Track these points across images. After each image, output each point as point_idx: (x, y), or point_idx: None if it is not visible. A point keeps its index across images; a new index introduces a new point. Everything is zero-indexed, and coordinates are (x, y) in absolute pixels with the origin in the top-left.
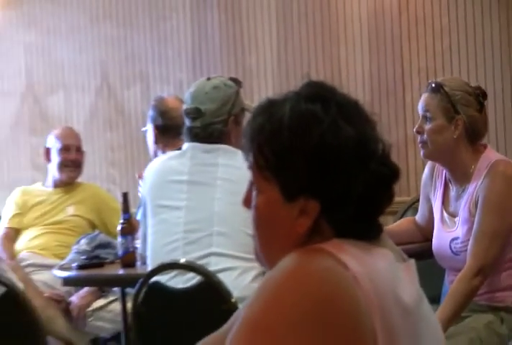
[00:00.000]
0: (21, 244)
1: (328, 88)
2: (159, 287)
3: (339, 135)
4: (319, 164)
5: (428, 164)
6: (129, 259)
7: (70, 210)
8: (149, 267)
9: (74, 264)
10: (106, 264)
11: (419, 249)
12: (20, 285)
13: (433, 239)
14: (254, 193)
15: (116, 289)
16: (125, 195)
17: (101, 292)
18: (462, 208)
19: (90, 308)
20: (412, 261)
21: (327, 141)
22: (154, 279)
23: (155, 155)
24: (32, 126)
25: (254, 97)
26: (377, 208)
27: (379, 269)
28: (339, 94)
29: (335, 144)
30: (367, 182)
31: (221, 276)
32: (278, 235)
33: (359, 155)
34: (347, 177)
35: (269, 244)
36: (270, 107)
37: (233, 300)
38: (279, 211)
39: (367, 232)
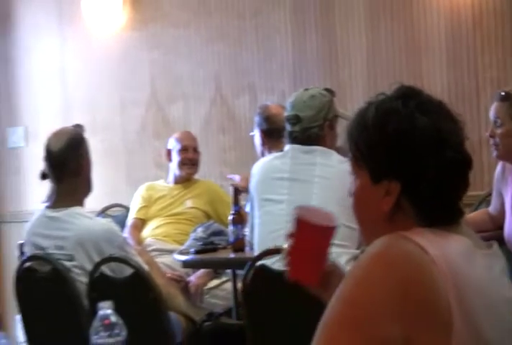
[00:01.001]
0: (147, 232)
1: (414, 89)
2: (264, 269)
3: (414, 124)
4: (397, 150)
5: (500, 163)
6: (239, 244)
7: (189, 203)
8: (256, 252)
9: (192, 249)
10: (219, 249)
11: (492, 236)
12: (146, 267)
13: (505, 228)
14: (353, 182)
15: (228, 270)
16: (236, 190)
17: (215, 274)
18: None
19: (206, 287)
20: (495, 248)
21: (403, 128)
22: (261, 262)
23: (262, 155)
24: (155, 131)
25: (346, 105)
26: (454, 192)
27: (454, 253)
28: (423, 94)
29: (410, 132)
30: (441, 167)
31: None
32: (370, 213)
33: (433, 142)
34: (421, 161)
35: (365, 222)
36: (362, 110)
37: None
38: (369, 193)
39: (446, 214)
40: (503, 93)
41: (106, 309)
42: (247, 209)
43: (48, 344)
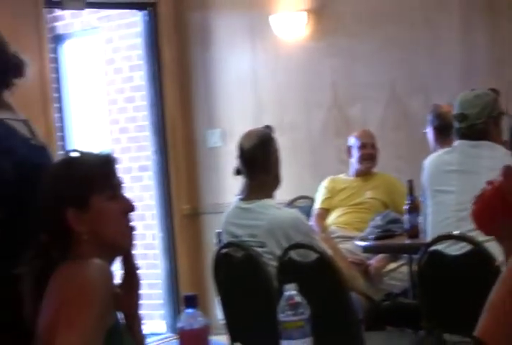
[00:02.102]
0: (331, 220)
1: None
2: (438, 253)
3: None
4: None
5: None
6: (414, 231)
7: (368, 194)
8: (429, 238)
9: (371, 236)
10: (396, 235)
11: None
12: (329, 252)
13: None
14: None
15: (404, 255)
16: (410, 182)
17: (393, 258)
18: None
19: (384, 270)
20: None
21: None
22: (434, 247)
23: (434, 151)
24: (336, 130)
25: None
26: None
27: None
28: None
29: None
30: None
31: (487, 245)
32: None
33: None
34: None
35: None
36: None
37: (497, 264)
38: None
39: None
40: None
41: (291, 290)
42: (422, 199)
43: (242, 321)
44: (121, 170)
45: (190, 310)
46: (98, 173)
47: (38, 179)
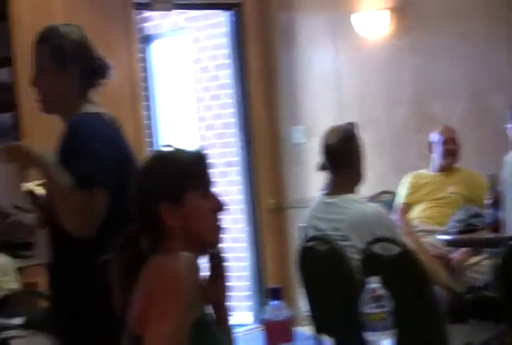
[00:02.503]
0: (413, 214)
1: None
2: None
3: None
4: None
5: None
6: (496, 226)
7: (450, 188)
8: (511, 233)
9: (453, 230)
10: (477, 230)
11: None
12: (412, 246)
13: None
14: None
15: (486, 249)
16: (492, 177)
17: (475, 251)
18: None
19: (467, 263)
20: None
21: None
22: None
23: None
24: (418, 126)
25: None
26: None
27: None
28: None
29: None
30: None
31: None
32: None
33: None
34: None
35: None
36: None
37: None
38: None
39: None
40: None
41: (374, 283)
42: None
43: (326, 313)
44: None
45: (275, 302)
46: (194, 171)
47: (131, 169)
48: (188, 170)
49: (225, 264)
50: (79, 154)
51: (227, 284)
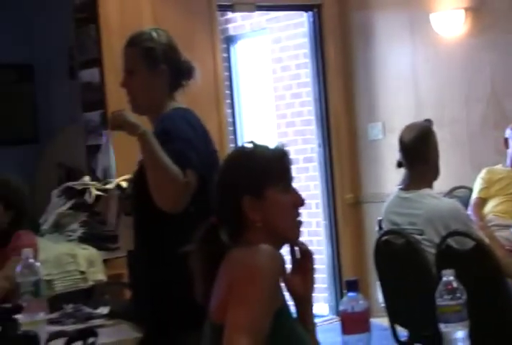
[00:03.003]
0: (488, 209)
1: None
2: None
3: None
4: None
5: None
6: None
7: None
8: None
9: None
10: None
11: None
12: (486, 240)
13: None
14: None
15: None
16: None
17: None
18: None
19: None
20: None
21: None
22: None
23: None
24: (495, 123)
25: None
26: None
27: None
28: None
29: None
30: None
31: None
32: None
33: None
34: None
35: None
36: None
37: None
38: None
39: None
40: None
41: (449, 276)
42: None
43: (401, 305)
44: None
45: (351, 294)
46: (275, 166)
47: (216, 164)
48: (270, 166)
49: (313, 257)
50: (173, 138)
51: (314, 277)
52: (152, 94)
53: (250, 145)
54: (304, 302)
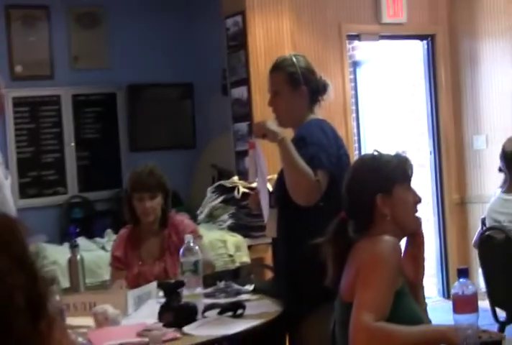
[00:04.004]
0: None
1: None
2: None
3: None
4: None
5: None
6: None
7: None
8: None
9: None
10: None
11: None
12: None
13: None
14: None
15: None
16: None
17: None
18: None
19: None
20: None
21: None
22: None
23: None
24: None
25: None
26: None
27: None
28: None
29: None
30: None
31: None
32: None
33: None
34: None
35: None
36: None
37: None
38: None
39: None
40: None
41: None
42: None
43: (500, 290)
44: None
45: (462, 280)
46: (401, 168)
47: (346, 166)
48: (397, 168)
49: (425, 248)
50: (307, 143)
51: (424, 264)
52: (294, 111)
53: (376, 152)
54: (416, 284)
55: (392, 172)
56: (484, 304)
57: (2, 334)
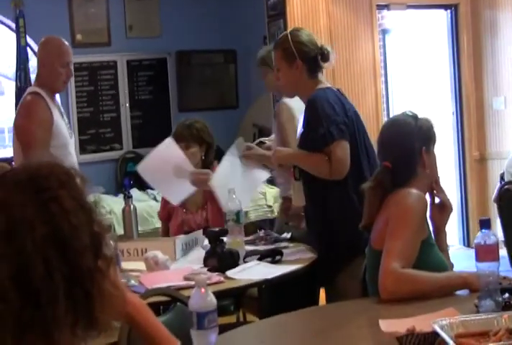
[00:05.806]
0: None
1: None
2: None
3: None
4: None
5: None
6: None
7: None
8: None
9: None
10: None
11: None
12: None
13: None
14: None
15: None
16: None
17: None
18: None
19: None
20: None
21: None
22: None
23: None
24: None
25: None
26: None
27: None
28: None
29: None
30: None
31: None
32: None
33: None
34: None
35: None
36: None
37: None
38: None
39: None
40: None
41: None
42: None
43: None
44: None
45: (485, 231)
46: (434, 131)
47: (358, 123)
48: (431, 127)
49: (448, 199)
50: (317, 120)
51: (449, 214)
52: (294, 84)
53: (409, 113)
54: (440, 230)
55: (429, 130)
56: (502, 252)
57: (72, 270)
